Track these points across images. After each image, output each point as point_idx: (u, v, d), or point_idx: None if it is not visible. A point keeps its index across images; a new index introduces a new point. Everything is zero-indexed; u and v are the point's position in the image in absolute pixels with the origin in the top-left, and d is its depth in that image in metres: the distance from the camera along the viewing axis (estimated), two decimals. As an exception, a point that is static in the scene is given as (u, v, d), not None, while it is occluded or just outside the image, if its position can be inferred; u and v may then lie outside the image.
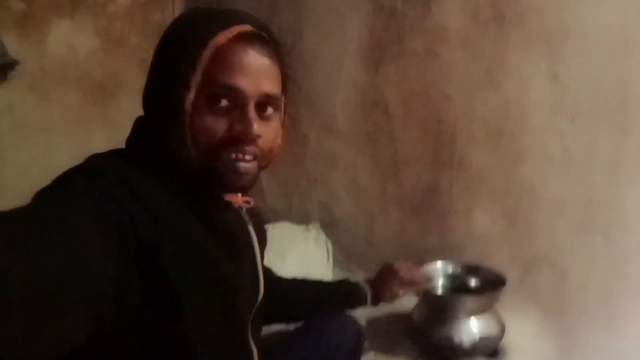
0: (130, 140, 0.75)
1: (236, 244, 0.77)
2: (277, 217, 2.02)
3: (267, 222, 2.00)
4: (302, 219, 1.97)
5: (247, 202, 0.81)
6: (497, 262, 1.49)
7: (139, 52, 2.08)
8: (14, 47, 1.78)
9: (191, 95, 0.66)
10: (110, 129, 1.99)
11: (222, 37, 0.67)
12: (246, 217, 0.81)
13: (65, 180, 0.60)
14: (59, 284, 0.46)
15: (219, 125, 0.68)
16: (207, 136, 0.68)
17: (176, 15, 0.78)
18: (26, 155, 1.84)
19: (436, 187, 1.65)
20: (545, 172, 1.44)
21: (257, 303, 0.83)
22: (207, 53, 0.67)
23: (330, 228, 1.90)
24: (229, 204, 0.77)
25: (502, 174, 1.52)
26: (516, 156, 1.49)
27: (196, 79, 0.66)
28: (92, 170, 0.62)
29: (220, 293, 0.71)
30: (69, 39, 1.98)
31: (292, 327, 1.20)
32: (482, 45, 1.51)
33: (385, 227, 1.79)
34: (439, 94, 1.61)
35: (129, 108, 0.75)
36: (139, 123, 0.75)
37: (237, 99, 0.69)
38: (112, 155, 0.70)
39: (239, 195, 0.80)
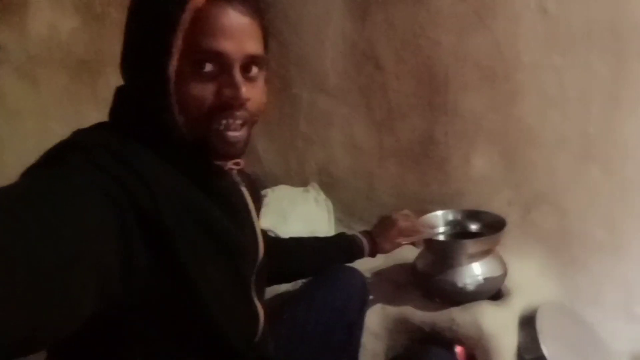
0: (113, 111, 0.72)
1: (233, 206, 0.77)
2: (275, 181, 2.02)
3: (262, 184, 2.01)
4: (301, 181, 1.96)
5: (237, 163, 0.80)
6: (497, 205, 1.49)
7: (121, 26, 2.03)
8: (-6, 32, 1.75)
9: (174, 62, 0.64)
10: (103, 106, 1.96)
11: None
12: (238, 179, 0.81)
13: (56, 157, 0.59)
14: (61, 261, 0.45)
15: (206, 92, 0.66)
16: (195, 104, 0.66)
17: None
18: (21, 141, 1.84)
19: (432, 136, 1.63)
20: (542, 109, 1.42)
21: (258, 262, 0.83)
22: (186, 16, 0.63)
23: (329, 187, 1.89)
24: (219, 167, 0.76)
25: (497, 115, 1.50)
26: (511, 96, 1.46)
27: (177, 44, 0.63)
28: (82, 145, 0.60)
29: (223, 254, 0.71)
30: (50, 18, 1.94)
31: (298, 285, 1.21)
32: (468, -15, 1.46)
33: (385, 181, 1.78)
34: (429, 40, 1.58)
35: (118, 83, 0.73)
36: (120, 93, 0.73)
37: (222, 63, 0.66)
38: (98, 128, 0.68)
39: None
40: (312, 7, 1.82)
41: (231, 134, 0.69)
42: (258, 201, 0.92)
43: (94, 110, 2.06)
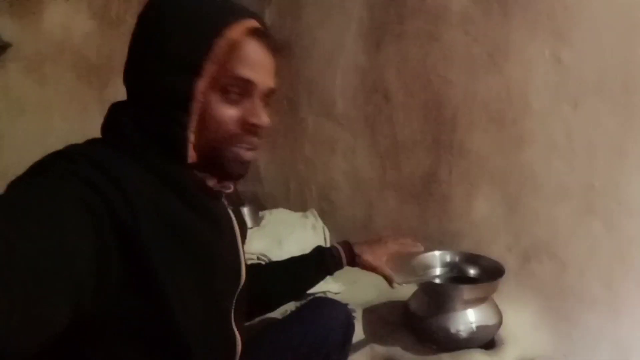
0: (107, 126, 0.72)
1: (219, 227, 0.76)
2: (274, 204, 2.00)
3: (261, 205, 1.99)
4: (300, 205, 1.95)
5: (227, 187, 0.81)
6: (496, 249, 1.47)
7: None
8: (8, 29, 1.75)
9: (203, 84, 0.67)
10: (107, 112, 1.97)
11: (236, 29, 0.68)
12: (226, 202, 0.81)
13: (40, 167, 0.59)
14: (38, 270, 0.45)
15: (230, 116, 0.70)
16: (218, 126, 0.69)
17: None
18: (24, 138, 1.83)
19: (435, 172, 1.62)
20: (547, 157, 1.41)
21: (239, 287, 0.82)
22: (222, 43, 0.67)
23: (328, 214, 1.88)
24: (211, 188, 0.76)
25: (502, 159, 1.49)
26: (517, 141, 1.46)
27: (210, 68, 0.66)
28: (67, 156, 0.60)
29: (202, 275, 0.70)
30: (64, 20, 1.94)
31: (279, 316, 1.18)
32: (485, 27, 1.47)
33: (383, 214, 1.76)
34: (440, 77, 1.58)
35: (125, 91, 0.74)
36: (117, 108, 0.72)
37: (249, 91, 0.71)
38: (89, 142, 0.68)
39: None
40: (327, 34, 1.83)
41: (247, 153, 0.73)
42: (243, 225, 0.92)
43: (99, 114, 2.05)
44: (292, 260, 1.13)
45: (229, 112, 0.69)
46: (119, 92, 0.75)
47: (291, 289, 1.11)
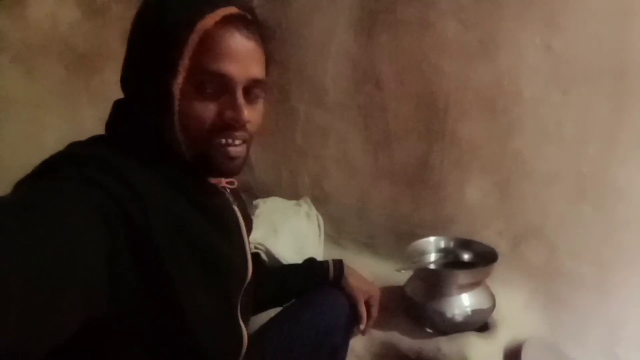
0: (110, 125, 0.72)
1: (225, 223, 0.78)
2: (267, 192, 2.01)
3: (254, 194, 2.00)
4: (293, 194, 1.96)
5: (231, 182, 0.82)
6: (488, 234, 1.50)
7: (121, 22, 2.02)
8: (-8, 18, 1.72)
9: (179, 80, 0.65)
10: (97, 102, 1.95)
11: (210, 20, 0.66)
12: (231, 198, 0.82)
13: (50, 169, 0.59)
14: (52, 275, 0.45)
15: (208, 112, 0.68)
16: (197, 122, 0.68)
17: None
18: (15, 130, 1.80)
19: (428, 160, 1.64)
20: (538, 144, 1.44)
21: (246, 282, 0.83)
22: (194, 37, 0.65)
23: (321, 202, 1.89)
24: (214, 186, 0.77)
25: (494, 146, 1.51)
26: (508, 129, 1.48)
27: (184, 63, 0.65)
28: (77, 158, 0.60)
29: (211, 273, 0.71)
30: (50, 9, 1.91)
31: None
32: (476, 15, 1.47)
33: (376, 201, 1.78)
34: (432, 66, 1.59)
35: (114, 80, 0.74)
36: (119, 107, 0.73)
37: (226, 84, 0.68)
38: (93, 142, 0.68)
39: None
40: (317, 21, 1.82)
41: (232, 149, 0.71)
42: (249, 221, 0.93)
43: (88, 104, 2.03)
44: (284, 267, 1.20)
45: (205, 107, 0.68)
46: (107, 82, 0.75)
47: (277, 293, 1.13)
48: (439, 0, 1.53)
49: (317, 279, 1.15)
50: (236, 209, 0.83)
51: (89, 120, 1.75)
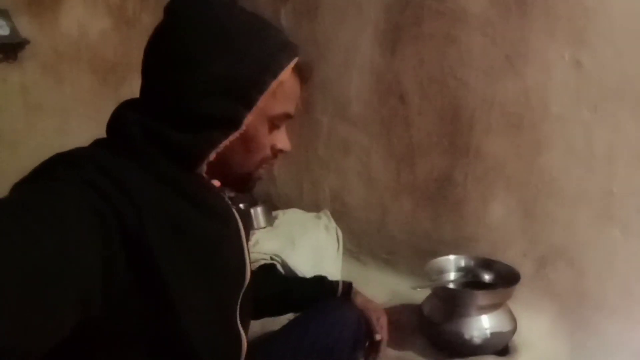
0: (112, 128, 0.70)
1: (223, 227, 0.76)
2: (288, 204, 2.00)
3: (274, 205, 1.99)
4: (314, 206, 1.94)
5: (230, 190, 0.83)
6: (512, 254, 1.45)
7: (151, 32, 2.05)
8: (25, 27, 1.76)
9: (251, 117, 0.69)
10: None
11: (287, 71, 0.71)
12: (229, 202, 0.81)
13: (46, 171, 0.59)
14: (46, 275, 0.45)
15: (268, 143, 0.76)
16: (258, 151, 0.75)
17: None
18: (40, 136, 1.84)
19: (451, 176, 1.61)
20: (566, 163, 1.39)
21: (244, 287, 0.81)
22: (274, 84, 0.70)
23: (341, 215, 1.87)
24: (213, 188, 0.77)
25: (520, 163, 1.47)
26: (535, 146, 1.43)
27: (260, 104, 0.69)
28: (73, 160, 0.60)
29: (208, 278, 0.70)
30: (81, 18, 1.96)
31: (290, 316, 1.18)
32: (503, 30, 1.45)
33: (397, 217, 1.75)
34: (457, 80, 1.56)
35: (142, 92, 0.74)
36: (125, 110, 0.70)
37: (285, 121, 0.77)
38: (94, 144, 0.68)
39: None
40: (342, 34, 1.82)
41: (262, 171, 0.79)
42: (248, 225, 0.93)
43: (114, 113, 2.08)
44: (291, 278, 1.24)
45: (268, 140, 0.75)
46: (136, 91, 0.75)
47: (278, 302, 1.12)
48: (465, 14, 1.50)
49: (323, 294, 1.14)
50: (235, 212, 0.82)
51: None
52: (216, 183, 0.78)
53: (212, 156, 0.69)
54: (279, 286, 1.13)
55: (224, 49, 0.68)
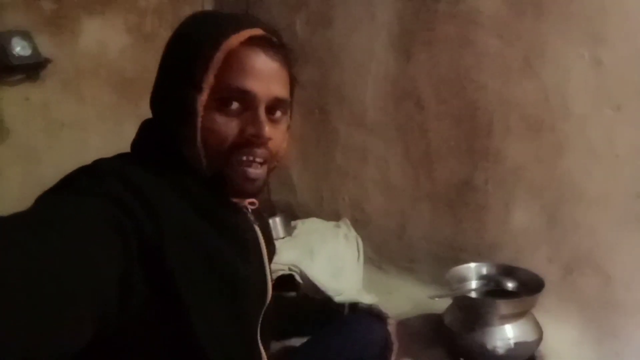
0: (136, 143, 0.74)
1: (245, 243, 0.76)
2: (308, 213, 1.99)
3: (294, 215, 1.98)
4: (334, 215, 1.93)
5: (252, 203, 0.81)
6: (536, 261, 1.41)
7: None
8: (45, 46, 1.80)
9: (203, 97, 0.66)
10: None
11: (234, 39, 0.67)
12: (252, 218, 0.80)
13: (68, 182, 0.60)
14: (62, 286, 0.45)
15: (230, 128, 0.68)
16: (218, 138, 0.68)
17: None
18: (61, 153, 1.88)
19: (471, 181, 1.57)
20: (588, 165, 1.35)
21: (266, 305, 0.81)
22: (219, 55, 0.67)
23: (361, 224, 1.85)
24: (234, 204, 0.76)
25: (541, 167, 1.43)
26: (556, 148, 1.39)
27: (208, 80, 0.66)
28: (95, 172, 0.61)
29: (229, 293, 0.69)
30: (101, 36, 1.99)
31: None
32: (519, 30, 1.41)
33: (417, 224, 1.72)
34: (473, 83, 1.53)
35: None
36: (145, 126, 0.75)
37: (249, 101, 0.69)
38: (117, 157, 0.69)
39: None
40: (357, 40, 1.81)
41: (251, 170, 0.71)
42: (271, 242, 0.91)
43: (134, 129, 2.10)
44: (302, 297, 1.21)
45: (227, 124, 0.68)
46: None
47: (289, 320, 1.10)
48: (479, 16, 1.47)
49: (331, 314, 1.13)
50: (257, 229, 0.81)
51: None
52: (240, 200, 0.77)
53: (200, 152, 0.67)
54: (287, 308, 1.11)
55: (182, 42, 0.70)
